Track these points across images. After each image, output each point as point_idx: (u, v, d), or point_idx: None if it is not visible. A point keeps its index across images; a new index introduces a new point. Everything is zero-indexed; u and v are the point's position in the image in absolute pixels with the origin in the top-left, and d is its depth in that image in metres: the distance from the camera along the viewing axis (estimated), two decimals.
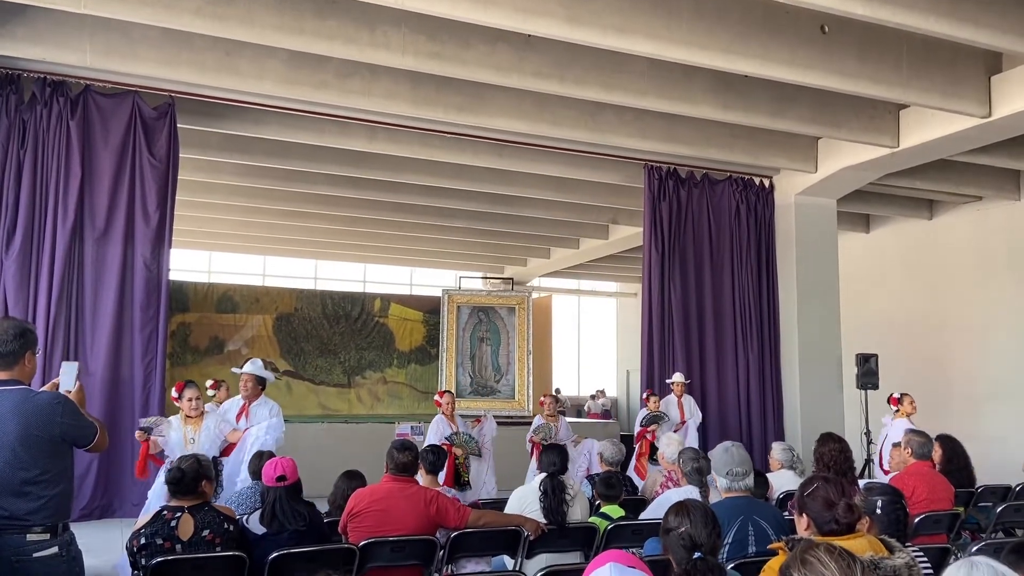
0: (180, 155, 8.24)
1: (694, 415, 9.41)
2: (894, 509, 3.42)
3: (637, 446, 8.99)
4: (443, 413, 7.99)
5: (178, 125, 8.10)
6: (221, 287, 14.22)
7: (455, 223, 13.29)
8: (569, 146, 9.27)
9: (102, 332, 7.75)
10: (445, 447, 7.67)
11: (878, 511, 3.39)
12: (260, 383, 6.44)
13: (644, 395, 9.34)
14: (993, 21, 6.28)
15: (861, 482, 5.58)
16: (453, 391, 8.97)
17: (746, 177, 10.54)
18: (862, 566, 1.84)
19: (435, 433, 7.81)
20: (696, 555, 2.50)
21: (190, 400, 5.99)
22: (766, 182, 10.67)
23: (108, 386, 7.71)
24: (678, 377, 9.45)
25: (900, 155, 8.94)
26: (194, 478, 3.86)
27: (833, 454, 5.24)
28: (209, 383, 7.86)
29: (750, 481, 3.81)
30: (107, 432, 3.42)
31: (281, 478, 4.02)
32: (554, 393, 14.35)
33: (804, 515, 2.86)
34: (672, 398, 9.42)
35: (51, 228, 7.61)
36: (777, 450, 6.14)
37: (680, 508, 2.70)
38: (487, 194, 11.66)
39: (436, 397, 8.32)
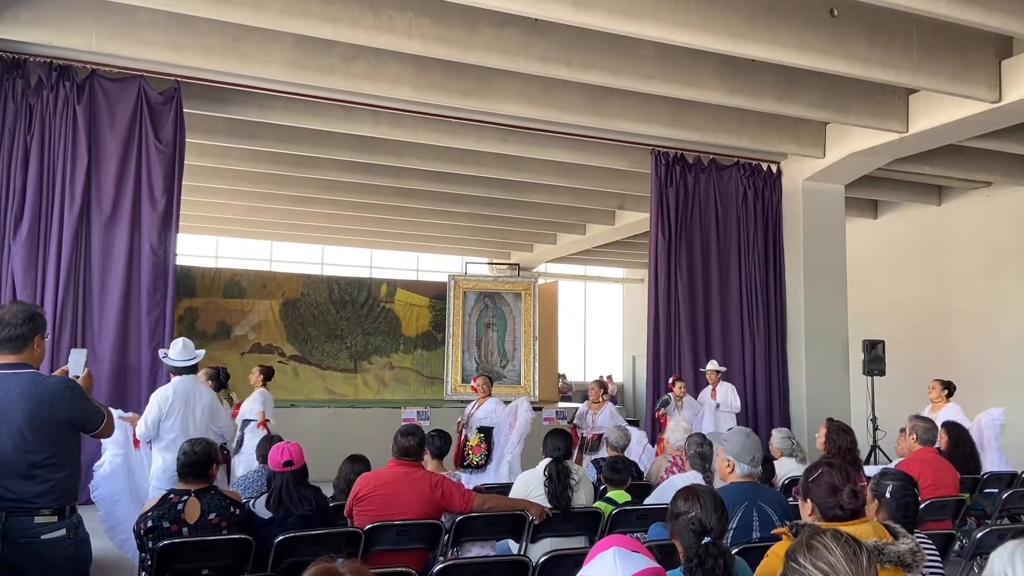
0: (186, 140, 8.24)
1: (727, 402, 9.12)
2: (904, 495, 3.40)
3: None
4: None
5: (184, 110, 8.10)
6: (228, 272, 14.25)
7: (461, 208, 13.28)
8: (575, 131, 9.24)
9: (109, 317, 7.78)
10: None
11: (887, 496, 3.38)
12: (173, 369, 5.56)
13: (670, 380, 9.34)
14: (1003, 5, 6.22)
15: (868, 468, 5.60)
16: (488, 376, 8.89)
17: (753, 162, 10.49)
18: (868, 553, 1.83)
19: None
20: (705, 540, 2.50)
21: None
22: (774, 167, 10.62)
23: (115, 370, 7.75)
24: (710, 365, 9.38)
25: (909, 140, 8.88)
26: (205, 461, 3.89)
27: (848, 445, 5.22)
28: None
29: (760, 469, 3.82)
30: (113, 419, 3.45)
31: (288, 463, 4.03)
32: (559, 377, 14.39)
33: (808, 501, 2.85)
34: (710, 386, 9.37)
35: (58, 213, 7.63)
36: (777, 438, 6.12)
37: (689, 493, 2.69)
38: (493, 179, 11.64)
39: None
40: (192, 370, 5.60)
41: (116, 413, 5.52)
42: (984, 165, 10.75)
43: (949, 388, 8.27)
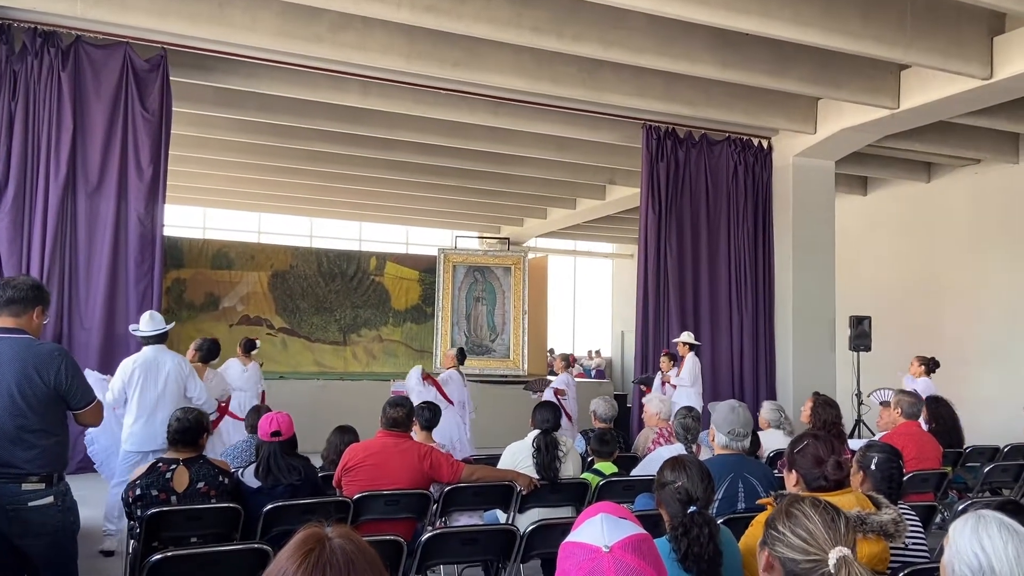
0: (173, 109, 8.15)
1: (681, 376, 9.05)
2: (889, 467, 3.46)
3: None
4: None
5: (170, 78, 7.99)
6: (216, 243, 14.17)
7: (451, 182, 13.21)
8: (567, 104, 9.17)
9: (97, 287, 7.74)
10: None
11: (872, 467, 3.43)
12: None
13: (662, 355, 9.45)
14: None
15: (852, 442, 5.67)
16: (460, 349, 9.07)
17: (744, 138, 10.47)
18: (846, 519, 1.86)
19: None
20: (691, 509, 2.53)
21: None
22: (764, 143, 10.60)
23: (103, 341, 7.71)
24: (683, 336, 9.41)
25: (900, 116, 8.87)
26: (197, 429, 3.91)
27: (832, 418, 5.28)
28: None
29: (747, 443, 3.85)
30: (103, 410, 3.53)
31: (275, 433, 4.05)
32: (548, 352, 14.54)
33: (793, 471, 2.89)
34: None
35: (43, 182, 7.54)
36: (766, 410, 6.20)
37: (676, 463, 2.72)
38: (483, 153, 11.57)
39: None
40: (160, 340, 5.77)
41: (96, 375, 5.68)
42: (974, 142, 10.77)
43: (927, 364, 8.36)
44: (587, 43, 7.30)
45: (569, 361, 9.68)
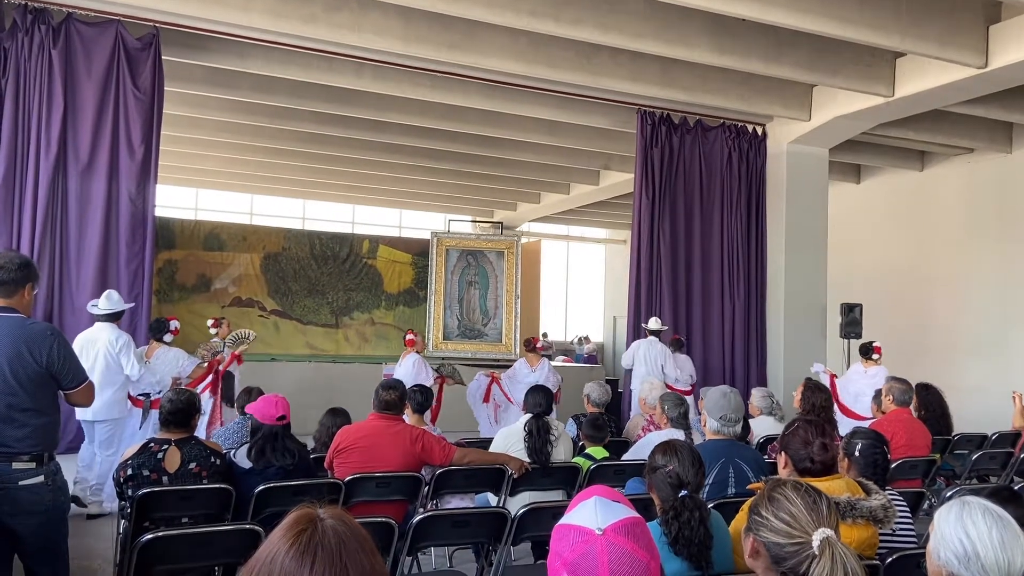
0: (165, 88, 8.07)
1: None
2: (873, 453, 3.48)
3: None
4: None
5: (163, 57, 7.92)
6: (208, 224, 14.07)
7: (445, 165, 13.16)
8: (562, 89, 9.13)
9: (87, 267, 7.69)
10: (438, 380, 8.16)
11: (856, 454, 3.45)
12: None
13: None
14: None
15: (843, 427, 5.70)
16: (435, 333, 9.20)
17: (739, 124, 10.45)
18: (828, 501, 1.86)
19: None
20: (682, 493, 2.55)
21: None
22: (759, 130, 10.58)
23: (93, 321, 7.66)
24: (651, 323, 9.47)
25: (895, 104, 8.87)
26: (189, 410, 3.90)
27: (822, 403, 5.31)
28: (210, 322, 8.24)
29: (739, 428, 3.87)
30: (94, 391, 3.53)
31: (281, 417, 3.99)
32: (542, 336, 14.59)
33: (783, 453, 2.92)
34: None
35: (34, 160, 7.48)
36: (757, 396, 6.20)
37: (667, 448, 2.74)
38: (477, 136, 11.52)
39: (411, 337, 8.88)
40: (111, 318, 6.07)
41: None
42: (967, 131, 10.79)
43: (862, 351, 8.31)
44: (584, 27, 7.26)
45: (525, 346, 9.61)
